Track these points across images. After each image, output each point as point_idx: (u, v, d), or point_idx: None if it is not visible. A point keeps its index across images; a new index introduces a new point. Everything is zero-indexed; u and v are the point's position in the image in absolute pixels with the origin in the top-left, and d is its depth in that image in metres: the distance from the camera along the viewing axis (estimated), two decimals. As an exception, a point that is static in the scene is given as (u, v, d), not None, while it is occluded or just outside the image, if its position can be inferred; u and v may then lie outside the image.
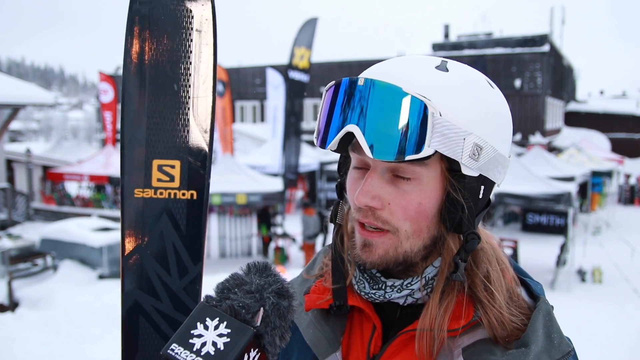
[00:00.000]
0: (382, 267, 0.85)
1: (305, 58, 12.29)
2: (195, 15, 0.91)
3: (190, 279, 0.94)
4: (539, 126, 23.94)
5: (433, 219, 0.82)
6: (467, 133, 0.76)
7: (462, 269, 0.80)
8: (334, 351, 0.90)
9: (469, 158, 0.77)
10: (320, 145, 0.82)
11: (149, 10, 0.89)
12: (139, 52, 0.90)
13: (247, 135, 23.20)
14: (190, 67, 0.91)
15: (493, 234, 0.94)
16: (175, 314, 0.94)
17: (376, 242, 0.83)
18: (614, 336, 6.89)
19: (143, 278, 0.93)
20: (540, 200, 10.00)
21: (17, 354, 5.45)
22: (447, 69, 0.81)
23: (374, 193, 0.81)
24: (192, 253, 0.94)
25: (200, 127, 0.92)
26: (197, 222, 0.94)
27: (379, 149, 0.75)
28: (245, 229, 12.51)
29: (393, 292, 0.86)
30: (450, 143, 0.75)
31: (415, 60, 0.83)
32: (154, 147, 0.91)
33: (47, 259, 9.78)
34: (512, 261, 0.95)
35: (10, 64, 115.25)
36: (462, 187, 0.79)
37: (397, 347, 0.85)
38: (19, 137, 49.05)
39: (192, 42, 0.90)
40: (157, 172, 0.92)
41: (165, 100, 0.90)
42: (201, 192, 0.94)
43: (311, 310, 0.95)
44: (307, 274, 1.03)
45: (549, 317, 0.83)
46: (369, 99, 0.75)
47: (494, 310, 0.80)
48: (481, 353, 0.79)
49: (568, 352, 0.79)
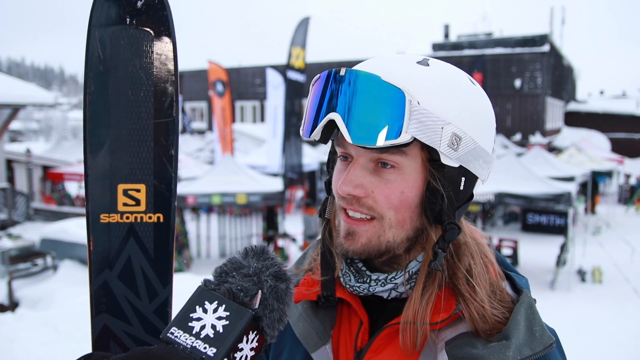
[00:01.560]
0: (365, 257, 0.86)
1: (301, 58, 12.28)
2: (155, 39, 0.91)
3: (160, 301, 0.94)
4: (539, 126, 23.94)
5: (415, 209, 0.84)
6: (445, 122, 0.78)
7: (441, 258, 0.82)
8: (324, 344, 0.91)
9: (448, 147, 0.78)
10: (305, 135, 0.84)
11: (108, 36, 0.90)
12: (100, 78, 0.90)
13: (247, 135, 23.20)
14: (152, 91, 0.91)
15: (493, 234, 0.95)
16: (146, 337, 0.94)
17: (360, 230, 0.85)
18: (614, 336, 6.89)
19: (112, 303, 0.93)
20: (540, 200, 10.00)
21: (17, 354, 5.45)
22: (428, 64, 0.83)
23: (357, 182, 0.83)
24: (161, 276, 0.94)
25: (164, 150, 0.93)
26: (164, 245, 0.94)
27: (359, 136, 0.77)
28: (245, 229, 12.51)
29: (377, 285, 0.87)
30: (427, 130, 0.77)
31: (398, 56, 0.86)
32: (119, 171, 0.92)
33: (47, 259, 9.77)
34: (499, 255, 0.97)
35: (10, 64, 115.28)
36: (442, 177, 0.82)
37: (383, 341, 0.86)
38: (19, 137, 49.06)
39: (152, 66, 0.91)
40: (122, 197, 0.93)
41: (128, 125, 0.91)
42: (167, 214, 0.94)
43: (301, 303, 0.96)
44: (296, 268, 1.05)
45: (531, 310, 0.84)
46: (350, 88, 0.78)
47: (475, 303, 0.82)
48: (463, 346, 0.80)
49: (550, 344, 0.79)
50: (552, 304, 8.12)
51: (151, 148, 0.92)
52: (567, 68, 32.79)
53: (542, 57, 23.44)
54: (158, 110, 0.92)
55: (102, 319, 0.94)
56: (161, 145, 0.93)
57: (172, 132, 0.93)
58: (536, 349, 0.78)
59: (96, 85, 0.90)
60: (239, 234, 12.44)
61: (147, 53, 0.91)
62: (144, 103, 0.91)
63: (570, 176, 12.44)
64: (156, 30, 0.91)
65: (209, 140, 23.27)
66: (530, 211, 14.89)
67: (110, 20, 0.90)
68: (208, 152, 20.93)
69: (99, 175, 0.92)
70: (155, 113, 0.92)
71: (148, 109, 0.92)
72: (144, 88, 0.91)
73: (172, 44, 0.92)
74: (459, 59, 24.27)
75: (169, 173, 0.93)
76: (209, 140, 23.27)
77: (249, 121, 29.94)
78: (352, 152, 0.84)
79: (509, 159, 11.41)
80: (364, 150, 0.82)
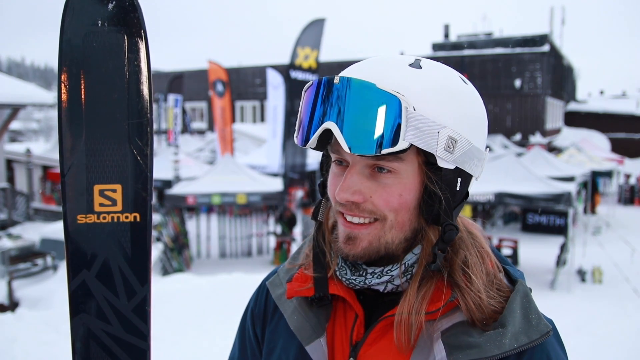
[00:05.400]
0: (365, 260, 0.87)
1: (312, 58, 12.34)
2: (128, 41, 0.92)
3: (138, 300, 0.96)
4: (539, 126, 23.94)
5: (414, 211, 0.84)
6: (441, 126, 0.78)
7: (440, 259, 0.83)
8: (318, 337, 0.91)
9: (444, 151, 0.79)
10: (301, 144, 0.84)
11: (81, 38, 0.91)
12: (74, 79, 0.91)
13: (247, 135, 23.20)
14: (126, 92, 0.93)
15: (493, 234, 0.95)
16: (126, 336, 0.96)
17: (361, 234, 0.85)
18: (614, 336, 6.89)
19: (91, 302, 0.95)
20: (540, 200, 9.99)
21: (18, 354, 5.45)
22: (420, 67, 0.83)
23: (355, 188, 0.83)
24: (139, 275, 0.96)
25: (139, 150, 0.94)
26: (142, 244, 0.96)
27: (356, 144, 0.77)
28: (245, 229, 12.51)
29: (373, 278, 0.87)
30: (424, 136, 0.77)
31: (390, 59, 0.85)
32: (94, 172, 0.93)
33: (47, 259, 9.78)
34: (495, 249, 0.97)
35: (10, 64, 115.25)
36: (439, 180, 0.82)
37: (379, 334, 0.87)
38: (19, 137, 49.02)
39: (126, 67, 0.92)
40: (98, 197, 0.94)
41: (103, 126, 0.93)
42: (144, 214, 0.95)
43: (295, 297, 0.96)
44: (291, 263, 1.05)
45: (527, 298, 0.84)
46: (345, 96, 0.77)
47: (471, 293, 0.82)
48: (459, 335, 0.81)
49: (547, 332, 0.80)
50: (552, 304, 8.11)
51: (126, 148, 0.93)
52: (567, 68, 32.79)
53: (542, 57, 23.43)
54: (132, 110, 0.93)
55: (81, 319, 0.95)
56: (136, 145, 0.94)
57: (147, 133, 0.94)
58: (533, 336, 0.78)
59: (70, 87, 0.91)
60: (239, 234, 12.44)
61: (120, 55, 0.92)
62: (118, 104, 0.93)
63: (570, 176, 12.44)
64: (128, 32, 0.92)
65: (209, 140, 23.27)
66: (530, 211, 14.89)
67: (83, 23, 0.91)
68: (208, 152, 20.93)
69: (75, 176, 0.93)
70: (129, 114, 0.93)
71: (122, 110, 0.93)
72: (118, 89, 0.93)
73: (145, 45, 0.94)
74: (459, 59, 24.27)
75: (144, 173, 0.95)
76: (209, 140, 23.27)
77: (249, 121, 29.93)
78: (348, 158, 0.84)
79: (509, 159, 11.40)
80: (360, 157, 0.82)
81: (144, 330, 0.96)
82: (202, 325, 6.22)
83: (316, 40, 12.39)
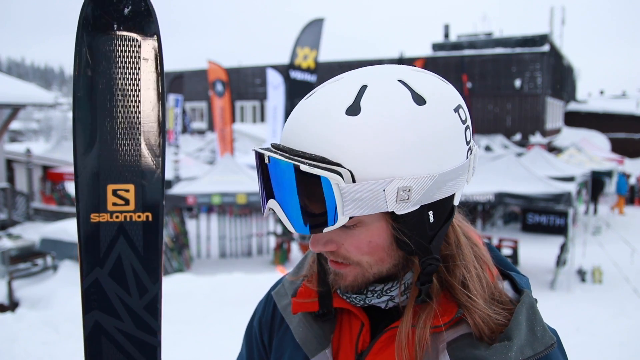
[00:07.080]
0: (357, 290, 0.86)
1: (311, 58, 12.34)
2: (142, 45, 0.95)
3: (150, 298, 0.98)
4: (539, 126, 23.95)
5: (390, 246, 0.81)
6: (387, 181, 0.71)
7: (425, 291, 0.82)
8: (324, 349, 0.92)
9: (397, 204, 0.73)
10: (263, 212, 0.83)
11: (96, 40, 0.93)
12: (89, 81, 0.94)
13: (247, 135, 23.21)
14: (140, 94, 0.95)
15: (493, 234, 0.95)
16: (137, 332, 0.98)
17: (344, 272, 0.84)
18: (614, 336, 6.89)
19: (104, 300, 0.97)
20: (540, 200, 9.99)
21: (18, 354, 5.45)
22: (360, 109, 0.73)
23: (325, 239, 0.82)
24: (151, 273, 0.98)
25: (152, 151, 0.96)
26: (153, 242, 0.97)
27: (297, 225, 0.75)
28: (245, 229, 12.51)
29: (373, 297, 0.87)
30: (365, 204, 0.72)
31: (326, 104, 0.76)
32: (108, 172, 0.95)
33: (47, 259, 9.78)
34: (499, 254, 0.96)
35: (10, 64, 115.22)
36: (403, 227, 0.77)
37: (385, 343, 0.86)
38: (19, 137, 49.02)
39: (140, 70, 0.95)
40: (112, 197, 0.96)
41: (116, 127, 0.95)
42: (156, 213, 0.97)
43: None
44: (295, 274, 1.05)
45: (532, 310, 0.83)
46: (277, 176, 0.75)
47: (478, 312, 0.82)
48: (465, 348, 0.80)
49: (551, 344, 0.79)
50: (552, 304, 8.11)
51: (139, 150, 0.95)
52: (567, 68, 32.80)
53: (542, 57, 23.44)
54: (145, 113, 0.95)
55: (93, 316, 0.97)
56: (149, 146, 0.96)
57: (159, 134, 0.96)
58: (538, 349, 0.78)
59: (84, 89, 0.94)
60: (239, 234, 12.45)
61: (134, 58, 0.95)
62: (131, 106, 0.95)
63: (570, 176, 12.44)
64: (143, 36, 0.95)
65: (209, 140, 23.28)
66: (530, 211, 14.89)
67: (98, 26, 0.94)
68: (208, 152, 20.93)
69: (88, 176, 0.95)
70: (142, 116, 0.95)
71: (135, 112, 0.95)
72: (131, 92, 0.95)
73: (159, 49, 0.96)
74: (458, 59, 24.28)
75: (157, 173, 0.97)
76: (209, 140, 23.28)
77: (249, 121, 29.94)
78: None
79: (509, 159, 11.41)
80: None
81: (154, 327, 0.98)
82: (202, 325, 6.23)
83: (315, 40, 12.40)
